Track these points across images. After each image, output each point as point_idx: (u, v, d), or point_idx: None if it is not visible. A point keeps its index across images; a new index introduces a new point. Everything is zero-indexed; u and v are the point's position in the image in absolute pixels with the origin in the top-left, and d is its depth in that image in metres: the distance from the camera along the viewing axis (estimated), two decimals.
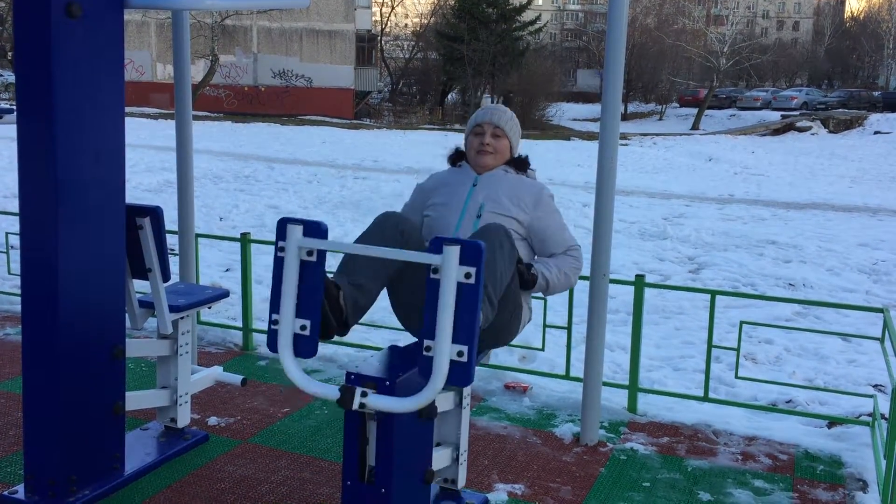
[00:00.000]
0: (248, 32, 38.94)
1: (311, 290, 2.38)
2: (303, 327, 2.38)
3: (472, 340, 2.22)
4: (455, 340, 2.23)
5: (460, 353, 2.23)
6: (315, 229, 2.35)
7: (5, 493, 2.97)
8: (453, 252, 2.19)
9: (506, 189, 3.09)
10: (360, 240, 2.77)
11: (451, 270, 2.18)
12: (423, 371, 2.27)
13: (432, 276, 2.23)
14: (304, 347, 2.39)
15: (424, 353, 2.26)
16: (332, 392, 2.33)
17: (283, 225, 2.37)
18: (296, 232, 2.33)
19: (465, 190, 3.11)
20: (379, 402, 2.30)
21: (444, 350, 2.21)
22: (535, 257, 3.15)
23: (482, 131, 3.19)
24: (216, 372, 3.72)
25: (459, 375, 2.24)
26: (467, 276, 2.21)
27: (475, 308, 2.21)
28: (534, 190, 3.12)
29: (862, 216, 13.38)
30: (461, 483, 2.92)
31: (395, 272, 2.83)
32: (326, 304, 2.49)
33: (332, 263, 2.90)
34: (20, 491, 2.97)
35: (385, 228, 2.80)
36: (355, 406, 2.27)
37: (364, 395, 2.28)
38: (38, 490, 2.93)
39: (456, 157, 3.32)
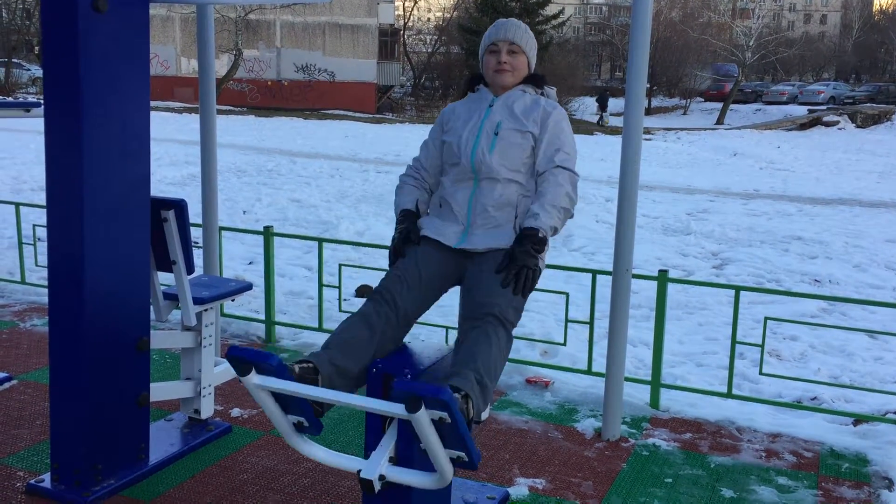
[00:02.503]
0: (272, 27, 39.09)
1: (290, 399, 2.34)
2: (299, 422, 2.39)
3: (468, 446, 2.21)
4: (450, 447, 2.24)
5: (459, 458, 2.25)
6: (267, 364, 2.27)
7: (32, 481, 3.02)
8: (418, 408, 2.11)
9: (521, 106, 2.97)
10: (352, 318, 2.66)
11: (422, 420, 2.12)
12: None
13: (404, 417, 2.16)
14: (311, 430, 2.40)
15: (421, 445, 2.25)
16: (353, 464, 2.34)
17: (234, 365, 2.29)
18: (251, 379, 2.26)
19: (482, 111, 2.99)
20: (399, 475, 2.31)
21: (445, 466, 2.23)
22: (531, 204, 2.86)
23: (497, 49, 3.03)
24: None
25: (465, 465, 2.27)
26: (441, 419, 2.15)
27: (462, 434, 2.18)
28: (548, 107, 2.98)
29: (890, 212, 13.19)
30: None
31: (396, 342, 2.71)
32: (309, 404, 2.39)
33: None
34: (46, 480, 3.02)
35: (380, 310, 2.68)
36: (377, 489, 2.27)
37: (382, 478, 2.27)
38: (64, 479, 2.97)
39: (472, 81, 3.16)
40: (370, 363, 2.57)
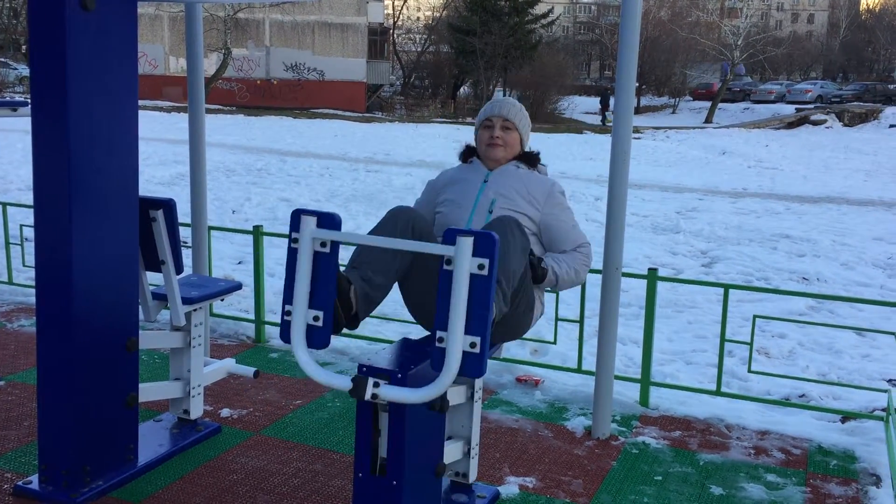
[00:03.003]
0: (261, 26, 38.99)
1: (324, 282, 2.38)
2: (316, 318, 2.38)
3: (485, 332, 2.22)
4: (468, 331, 2.22)
5: (473, 345, 2.23)
6: (329, 221, 2.36)
7: (20, 483, 3.00)
8: (467, 243, 2.18)
9: (517, 185, 3.09)
10: (372, 233, 2.77)
11: (465, 261, 2.18)
12: (435, 362, 2.27)
13: (445, 267, 2.23)
14: (317, 339, 2.40)
15: (437, 344, 2.26)
16: (344, 383, 2.33)
17: (297, 216, 2.37)
18: (310, 223, 2.34)
19: (477, 186, 3.11)
20: (391, 392, 2.30)
21: (457, 340, 2.21)
22: (546, 253, 3.14)
23: (491, 124, 3.18)
24: (229, 364, 3.74)
25: (472, 366, 2.24)
26: (480, 267, 2.20)
27: (488, 299, 2.21)
28: (545, 186, 3.12)
29: (877, 210, 13.28)
30: (472, 477, 2.93)
31: (406, 266, 2.83)
32: (336, 298, 2.49)
33: (344, 256, 2.91)
34: (34, 481, 3.00)
35: (398, 222, 2.80)
36: (367, 396, 2.28)
37: (376, 385, 2.29)
38: (52, 480, 2.96)
39: (467, 154, 3.32)
40: (395, 276, 2.75)
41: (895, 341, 3.76)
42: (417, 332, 5.09)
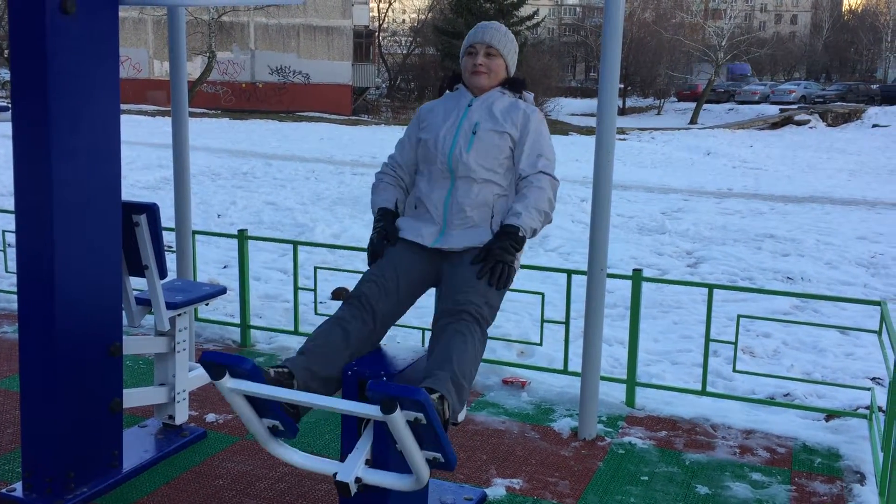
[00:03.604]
0: (246, 29, 38.88)
1: (266, 403, 2.34)
2: (273, 426, 2.38)
3: (445, 447, 2.21)
4: (424, 448, 2.23)
5: (436, 459, 2.24)
6: (240, 367, 2.27)
7: (3, 490, 2.97)
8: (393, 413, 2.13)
9: (500, 107, 2.97)
10: (328, 323, 2.66)
11: (398, 422, 2.12)
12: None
13: (379, 418, 2.16)
14: (286, 433, 2.39)
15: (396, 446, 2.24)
16: (329, 467, 2.33)
17: (208, 368, 2.29)
18: (224, 383, 2.27)
19: (461, 110, 2.99)
20: (374, 477, 2.30)
21: (421, 467, 2.23)
22: (510, 206, 2.88)
23: (475, 51, 3.04)
24: None
25: (442, 467, 2.27)
26: (417, 420, 2.15)
27: (439, 435, 2.18)
28: (527, 110, 2.99)
29: (860, 209, 13.38)
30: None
31: (369, 344, 2.72)
32: (280, 407, 2.39)
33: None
34: (18, 489, 2.98)
35: (358, 310, 2.69)
36: (353, 491, 2.26)
37: (358, 480, 2.26)
38: (36, 488, 2.93)
39: (452, 81, 3.17)
40: (348, 361, 2.58)
41: (878, 340, 3.79)
42: (403, 335, 5.10)
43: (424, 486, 2.32)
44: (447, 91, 3.16)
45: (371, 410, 2.13)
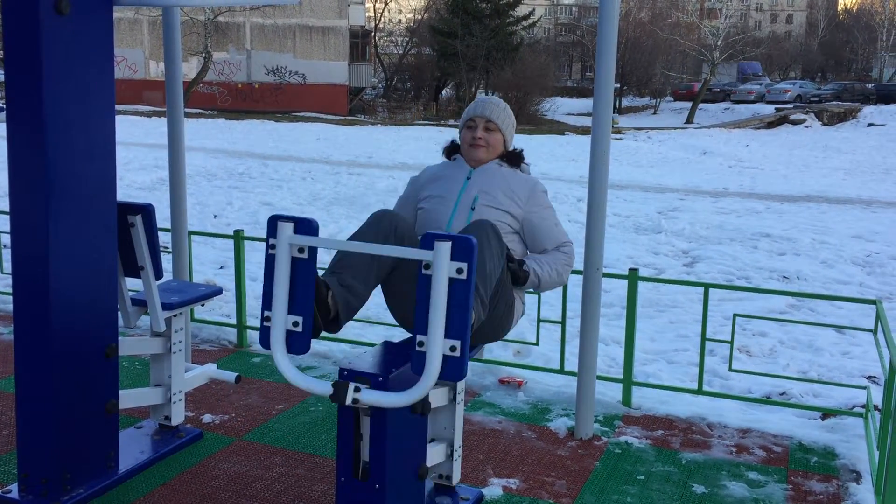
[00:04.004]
0: (242, 29, 38.84)
1: (302, 288, 2.37)
2: (295, 324, 2.38)
3: (465, 335, 2.22)
4: (448, 335, 2.23)
5: (453, 348, 2.23)
6: (306, 226, 2.35)
7: None
8: (444, 248, 2.19)
9: (499, 182, 3.09)
10: (354, 237, 2.76)
11: (443, 266, 2.18)
12: (415, 366, 2.27)
13: (424, 272, 2.23)
14: (296, 344, 2.39)
15: (417, 348, 2.26)
16: (324, 388, 2.33)
17: (273, 222, 2.37)
18: (286, 229, 2.33)
19: (459, 183, 3.11)
20: (372, 396, 2.30)
21: (437, 344, 2.21)
22: (528, 253, 3.15)
23: (474, 125, 3.18)
24: (210, 369, 3.72)
25: (452, 370, 2.24)
26: (459, 271, 2.20)
27: (467, 303, 2.21)
28: (528, 184, 3.12)
29: (856, 208, 13.40)
30: (456, 479, 2.93)
31: (387, 270, 2.83)
32: (315, 304, 2.48)
33: (325, 260, 2.90)
34: (14, 490, 2.97)
35: (380, 226, 2.79)
36: (348, 401, 2.27)
37: (357, 390, 2.28)
38: (32, 489, 2.93)
39: (451, 150, 3.30)
40: (374, 282, 2.75)
41: (874, 338, 3.80)
42: (400, 335, 5.09)
43: (423, 397, 2.30)
44: (445, 159, 3.33)
45: (424, 256, 2.21)
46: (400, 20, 69.07)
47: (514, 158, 3.23)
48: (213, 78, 37.41)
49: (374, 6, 55.07)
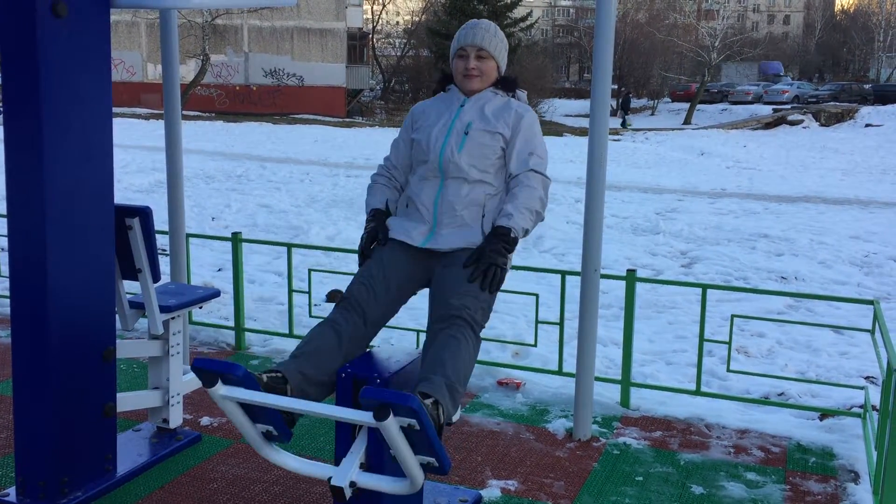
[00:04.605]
0: (239, 32, 38.83)
1: (260, 409, 2.33)
2: (267, 432, 2.38)
3: (439, 452, 2.21)
4: (418, 454, 2.23)
5: (430, 464, 2.24)
6: (234, 374, 2.26)
7: None
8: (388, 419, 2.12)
9: (492, 107, 2.97)
10: (315, 333, 2.66)
11: (392, 427, 2.12)
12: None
13: (373, 424, 2.15)
14: (281, 438, 2.39)
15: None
16: (325, 471, 2.33)
17: (200, 376, 2.29)
18: (217, 390, 2.26)
19: (453, 111, 2.98)
20: (369, 481, 2.29)
21: (415, 472, 2.22)
22: (502, 207, 2.87)
23: (466, 54, 3.01)
24: None
25: (436, 471, 2.27)
26: (410, 426, 2.14)
27: (432, 440, 2.18)
28: (520, 109, 2.98)
29: (853, 208, 13.41)
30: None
31: (358, 346, 2.72)
32: (279, 413, 2.39)
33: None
34: (11, 493, 2.97)
35: (349, 321, 2.69)
36: (347, 495, 2.26)
37: (353, 484, 2.26)
38: (30, 492, 2.92)
39: (443, 82, 3.14)
40: (342, 362, 2.58)
41: (871, 338, 3.80)
42: (398, 338, 5.10)
43: (419, 489, 2.32)
44: (440, 91, 3.14)
45: (364, 417, 2.13)
46: (397, 22, 69.10)
47: (509, 85, 3.08)
48: (211, 80, 37.38)
49: (372, 8, 55.11)
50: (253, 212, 11.32)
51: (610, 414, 3.98)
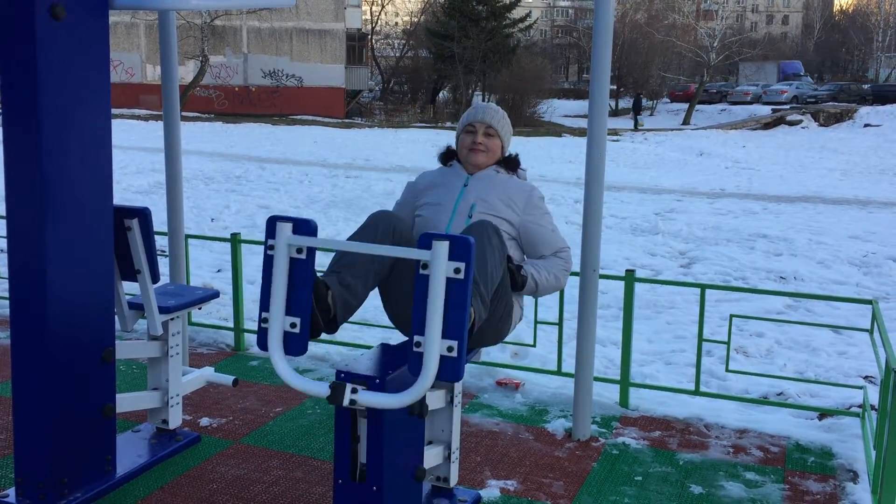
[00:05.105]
0: (238, 33, 38.85)
1: (300, 289, 2.38)
2: (293, 325, 2.38)
3: (462, 335, 2.22)
4: (445, 335, 2.23)
5: (450, 349, 2.23)
6: (305, 227, 2.36)
7: None
8: (442, 247, 2.19)
9: (496, 189, 3.10)
10: (353, 237, 2.77)
11: (441, 266, 2.18)
12: (413, 367, 2.28)
13: (422, 272, 2.24)
14: (294, 345, 2.39)
15: (414, 349, 2.26)
16: (322, 389, 2.33)
17: (272, 223, 2.37)
18: (285, 229, 2.34)
19: (457, 190, 3.12)
20: (369, 398, 2.30)
21: (434, 345, 2.21)
22: (525, 258, 3.15)
23: (474, 130, 3.19)
24: (207, 373, 3.72)
25: (450, 371, 2.24)
26: (457, 271, 2.21)
27: (465, 303, 2.21)
28: (525, 191, 3.13)
29: (852, 208, 13.42)
30: (454, 481, 2.93)
31: (386, 271, 2.83)
32: (314, 303, 2.49)
33: (323, 262, 2.90)
34: (11, 495, 2.97)
35: (378, 227, 2.81)
36: (345, 402, 2.28)
37: (354, 391, 2.29)
38: (29, 493, 2.92)
39: (447, 156, 3.32)
40: (373, 282, 2.77)
41: (870, 338, 3.81)
42: (397, 338, 5.09)
43: (420, 398, 2.29)
44: (441, 165, 3.33)
45: (423, 255, 2.22)
46: (396, 23, 69.09)
47: (511, 164, 3.25)
48: (210, 81, 37.40)
49: (371, 9, 55.11)
50: (252, 213, 11.33)
51: (609, 414, 3.98)
